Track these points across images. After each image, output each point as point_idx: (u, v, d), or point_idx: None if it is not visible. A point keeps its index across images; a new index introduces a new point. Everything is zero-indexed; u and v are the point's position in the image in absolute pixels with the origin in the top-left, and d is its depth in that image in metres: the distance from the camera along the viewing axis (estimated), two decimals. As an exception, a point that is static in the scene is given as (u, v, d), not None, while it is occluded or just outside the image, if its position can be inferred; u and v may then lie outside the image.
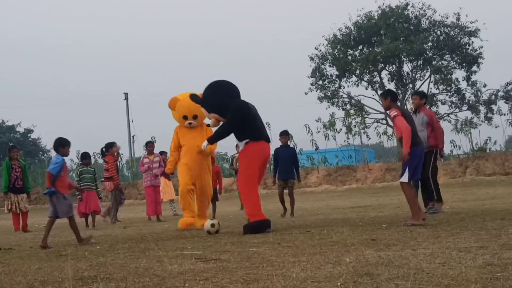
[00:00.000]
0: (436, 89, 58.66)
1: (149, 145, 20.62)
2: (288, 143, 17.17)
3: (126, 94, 63.17)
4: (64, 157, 10.98)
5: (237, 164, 22.16)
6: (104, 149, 18.72)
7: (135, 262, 7.55)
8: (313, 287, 4.99)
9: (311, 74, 60.46)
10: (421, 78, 59.95)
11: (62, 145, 11.03)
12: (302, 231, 10.73)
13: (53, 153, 61.14)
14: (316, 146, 41.65)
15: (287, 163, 16.42)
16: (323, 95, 60.64)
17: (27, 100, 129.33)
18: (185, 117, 13.44)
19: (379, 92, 58.53)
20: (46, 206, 40.45)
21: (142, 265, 7.19)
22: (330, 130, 41.65)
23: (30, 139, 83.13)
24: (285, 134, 16.83)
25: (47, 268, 7.40)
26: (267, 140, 11.51)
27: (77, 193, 18.02)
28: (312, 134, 41.84)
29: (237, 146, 21.89)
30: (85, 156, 18.28)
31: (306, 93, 61.19)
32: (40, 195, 44.14)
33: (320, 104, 61.11)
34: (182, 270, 6.55)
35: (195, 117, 13.38)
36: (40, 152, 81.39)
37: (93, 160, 33.17)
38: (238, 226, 12.93)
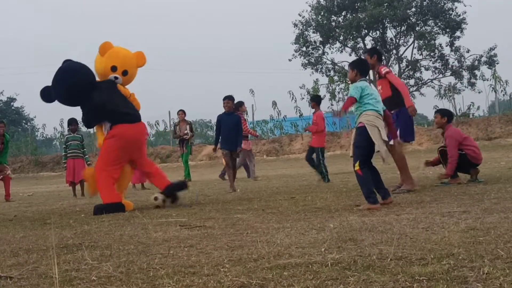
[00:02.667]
0: (420, 54, 58.64)
1: None
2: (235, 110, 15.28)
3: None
4: None
5: (186, 131, 21.71)
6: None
7: (119, 230, 7.56)
8: (297, 253, 5.01)
9: (294, 41, 60.21)
10: (405, 44, 59.89)
11: None
12: (286, 198, 10.77)
13: (37, 122, 60.71)
14: (300, 112, 41.69)
15: (230, 132, 14.54)
16: (307, 61, 60.47)
17: (9, 68, 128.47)
18: (113, 68, 11.11)
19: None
20: (30, 175, 40.42)
21: (126, 232, 7.20)
22: (314, 96, 41.64)
23: (13, 107, 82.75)
24: (227, 99, 14.74)
25: (31, 237, 7.39)
26: (129, 121, 10.76)
27: (63, 161, 17.90)
28: (296, 101, 41.93)
29: (178, 112, 21.68)
30: (71, 122, 17.77)
31: (290, 60, 60.99)
32: (24, 164, 44.02)
33: (304, 71, 61.12)
34: (166, 237, 6.56)
35: (125, 73, 11.19)
36: (24, 121, 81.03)
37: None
38: (222, 194, 12.95)
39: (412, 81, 59.08)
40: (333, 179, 15.46)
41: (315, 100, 16.16)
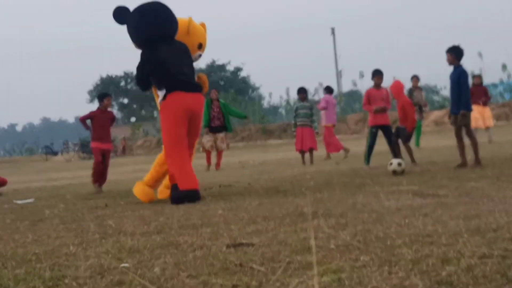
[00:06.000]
0: None
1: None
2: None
3: (333, 29, 63.22)
4: None
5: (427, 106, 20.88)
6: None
7: (352, 198, 7.61)
8: (539, 223, 4.84)
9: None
10: None
11: None
12: (521, 165, 10.41)
13: (263, 90, 62.82)
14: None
15: (453, 91, 11.70)
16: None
17: (235, 39, 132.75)
18: (199, 46, 10.26)
19: None
20: (258, 143, 41.69)
21: (359, 201, 7.24)
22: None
23: (240, 77, 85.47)
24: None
25: (267, 204, 7.61)
26: (188, 89, 9.26)
27: (293, 129, 18.27)
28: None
29: (412, 78, 21.30)
30: (300, 91, 18.08)
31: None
32: (252, 132, 45.43)
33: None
34: (399, 205, 6.54)
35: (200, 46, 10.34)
36: (250, 90, 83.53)
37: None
38: (453, 161, 12.63)
39: None
40: None
41: None
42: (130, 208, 8.58)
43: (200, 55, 10.40)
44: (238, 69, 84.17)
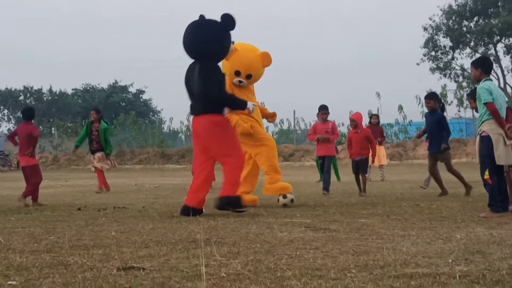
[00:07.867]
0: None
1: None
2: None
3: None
4: None
5: None
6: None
7: (245, 227, 7.67)
8: (424, 262, 4.98)
9: (423, 45, 59.63)
10: (539, 52, 58.19)
11: None
12: (411, 205, 10.67)
13: (164, 114, 61.72)
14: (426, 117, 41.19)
15: (434, 133, 13.22)
16: (435, 66, 59.75)
17: (140, 61, 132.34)
18: (237, 73, 11.10)
19: (495, 65, 57.03)
20: (156, 167, 41.38)
21: (252, 230, 7.31)
22: (441, 102, 41.04)
23: (141, 99, 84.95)
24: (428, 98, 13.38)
25: (160, 229, 7.61)
26: (192, 113, 9.97)
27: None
28: (422, 106, 41.39)
29: None
30: None
31: (417, 64, 60.38)
32: (150, 155, 45.08)
33: (431, 75, 60.42)
34: (292, 238, 6.63)
35: (248, 76, 11.18)
36: (151, 113, 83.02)
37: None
38: (346, 196, 12.92)
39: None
40: (458, 188, 15.11)
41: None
42: (20, 224, 8.44)
43: (240, 81, 11.10)
44: (140, 92, 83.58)
